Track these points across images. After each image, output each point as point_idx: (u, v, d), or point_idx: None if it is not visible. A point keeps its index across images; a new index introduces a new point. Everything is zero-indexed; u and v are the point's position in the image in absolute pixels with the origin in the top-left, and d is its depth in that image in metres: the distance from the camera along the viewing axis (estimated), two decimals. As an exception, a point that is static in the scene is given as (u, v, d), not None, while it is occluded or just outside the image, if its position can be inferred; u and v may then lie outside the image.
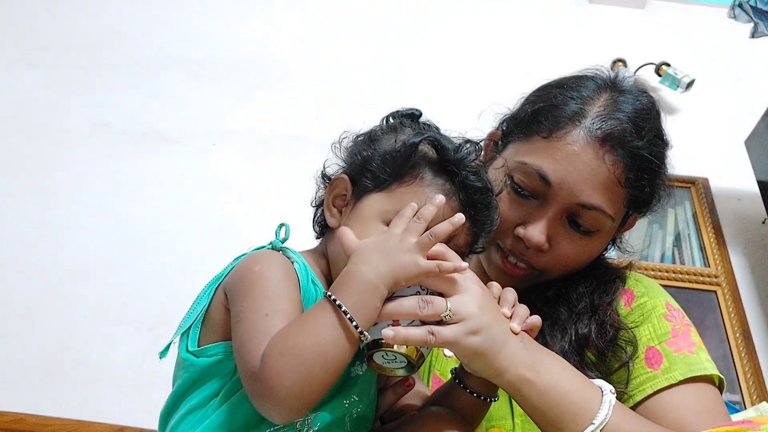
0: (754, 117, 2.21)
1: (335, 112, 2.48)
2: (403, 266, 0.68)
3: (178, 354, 0.77)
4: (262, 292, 0.69)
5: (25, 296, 2.01)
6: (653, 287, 0.92)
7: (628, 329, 0.86)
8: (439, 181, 0.76)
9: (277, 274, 0.71)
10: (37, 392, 1.83)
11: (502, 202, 0.87)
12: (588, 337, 0.84)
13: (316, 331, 0.65)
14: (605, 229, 0.88)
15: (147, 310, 1.94)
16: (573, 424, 0.70)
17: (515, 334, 0.72)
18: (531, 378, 0.71)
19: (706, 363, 0.83)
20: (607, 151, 0.83)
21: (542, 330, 0.81)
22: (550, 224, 0.86)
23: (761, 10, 2.05)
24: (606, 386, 0.73)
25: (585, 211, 0.85)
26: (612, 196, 0.85)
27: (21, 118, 2.47)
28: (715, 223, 2.21)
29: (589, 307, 0.87)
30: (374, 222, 0.75)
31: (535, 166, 0.85)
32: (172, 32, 2.80)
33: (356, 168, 0.80)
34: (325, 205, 0.82)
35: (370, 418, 0.79)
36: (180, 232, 2.17)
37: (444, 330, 0.68)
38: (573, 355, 0.83)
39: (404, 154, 0.77)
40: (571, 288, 0.89)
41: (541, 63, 2.73)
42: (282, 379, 0.63)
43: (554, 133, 0.85)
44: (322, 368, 0.64)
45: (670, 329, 0.85)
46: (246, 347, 0.67)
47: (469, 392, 0.76)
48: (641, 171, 0.86)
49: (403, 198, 0.75)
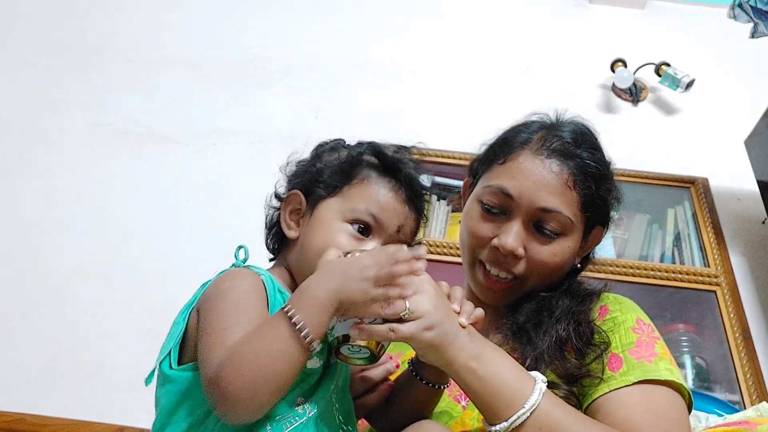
0: (754, 117, 2.22)
1: (335, 112, 2.48)
2: (352, 291, 0.74)
3: (160, 374, 0.80)
4: (225, 307, 0.76)
5: (25, 296, 2.02)
6: (628, 306, 1.00)
7: (601, 331, 0.94)
8: (385, 179, 0.89)
9: (243, 288, 0.79)
10: (37, 392, 1.83)
11: (477, 222, 1.01)
12: (567, 338, 0.92)
13: (269, 338, 0.71)
14: (569, 233, 1.00)
15: (147, 310, 1.94)
16: (507, 408, 0.78)
17: (463, 328, 0.81)
18: (474, 367, 0.79)
19: (663, 371, 0.87)
20: (553, 161, 0.98)
21: (527, 333, 0.94)
22: (519, 232, 0.98)
23: (761, 10, 2.05)
24: (539, 377, 0.81)
25: (546, 215, 0.97)
26: (566, 199, 0.98)
27: (21, 118, 2.48)
28: (714, 223, 2.21)
29: (568, 313, 0.96)
30: (334, 221, 0.87)
31: (497, 185, 1.00)
32: (172, 32, 2.80)
33: (307, 182, 0.91)
34: (282, 219, 0.92)
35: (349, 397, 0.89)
36: (180, 231, 2.17)
37: (402, 327, 0.76)
38: (555, 354, 0.91)
39: (351, 162, 0.90)
40: (552, 300, 0.99)
41: (541, 63, 2.74)
42: (233, 383, 0.69)
43: (508, 158, 1.01)
44: (272, 373, 0.70)
45: (635, 340, 0.92)
46: (204, 358, 0.73)
47: (424, 382, 0.86)
48: (585, 175, 0.99)
49: (356, 196, 0.88)
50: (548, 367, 0.88)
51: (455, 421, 0.91)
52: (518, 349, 0.92)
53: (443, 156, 2.33)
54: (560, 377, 0.88)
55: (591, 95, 2.64)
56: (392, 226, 0.88)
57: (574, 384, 0.88)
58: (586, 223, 1.02)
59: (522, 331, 0.95)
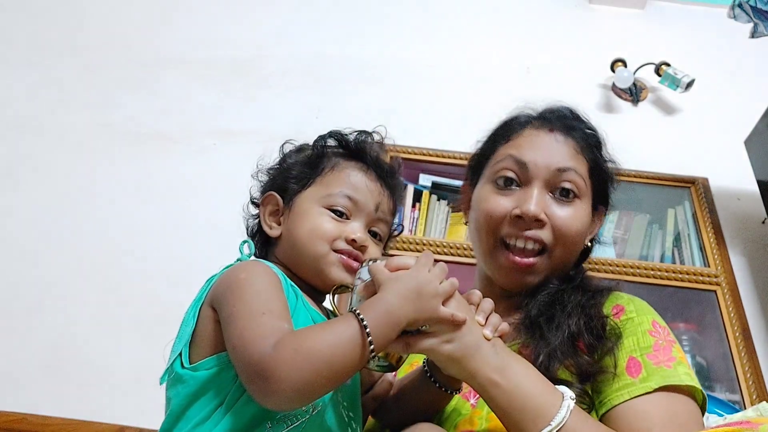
0: (753, 117, 2.22)
1: (335, 112, 2.48)
2: (427, 311, 0.76)
3: (173, 373, 0.80)
4: (253, 295, 0.76)
5: (26, 296, 2.02)
6: (643, 307, 0.98)
7: (614, 324, 0.92)
8: (353, 162, 0.93)
9: (263, 277, 0.79)
10: (38, 392, 1.83)
11: (493, 200, 1.00)
12: (579, 333, 0.91)
13: (333, 340, 0.71)
14: (583, 195, 1.01)
15: (147, 310, 1.94)
16: (533, 424, 0.76)
17: (488, 340, 0.80)
18: (498, 381, 0.78)
19: (683, 375, 0.87)
20: (557, 133, 1.02)
21: (540, 327, 0.92)
22: (539, 197, 0.98)
23: (761, 10, 2.05)
24: (567, 392, 0.79)
25: (563, 174, 0.99)
26: (577, 163, 1.00)
27: (21, 118, 2.48)
28: (714, 223, 2.21)
29: (579, 308, 0.94)
30: (314, 208, 0.89)
31: (510, 156, 1.01)
32: (172, 32, 2.80)
33: (280, 182, 0.94)
34: (263, 221, 0.93)
35: (358, 391, 0.90)
36: (180, 231, 2.17)
37: (420, 340, 0.77)
38: (568, 350, 0.89)
39: (317, 153, 0.94)
40: (565, 295, 0.97)
41: (541, 63, 2.74)
42: (291, 373, 0.68)
43: (512, 135, 1.04)
44: (327, 375, 0.70)
45: (653, 344, 0.90)
46: (249, 339, 0.71)
47: (438, 385, 0.85)
48: (589, 144, 1.03)
49: (329, 182, 0.91)
50: (561, 363, 0.87)
51: (464, 419, 0.90)
52: (531, 345, 0.91)
53: (443, 156, 2.34)
54: (573, 374, 0.87)
55: (591, 95, 2.64)
56: (369, 205, 0.91)
57: (587, 381, 0.87)
58: (593, 197, 1.03)
59: (534, 325, 0.93)
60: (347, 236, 0.87)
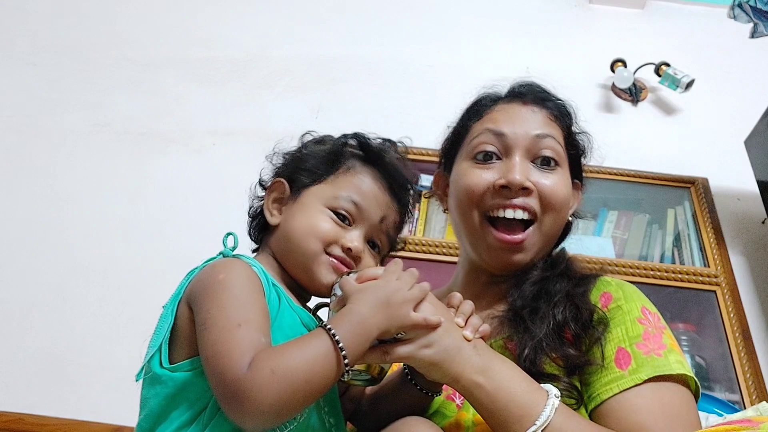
0: (753, 117, 2.21)
1: (335, 112, 2.48)
2: (398, 318, 0.75)
3: (150, 371, 0.78)
4: (230, 301, 0.73)
5: (25, 296, 2.02)
6: (631, 292, 0.96)
7: (600, 311, 0.90)
8: (368, 169, 0.90)
9: (242, 281, 0.76)
10: (36, 392, 1.83)
11: (474, 175, 0.99)
12: (564, 322, 0.89)
13: (308, 358, 0.69)
14: (563, 163, 1.01)
15: (146, 310, 1.93)
16: (518, 424, 0.75)
17: (468, 341, 0.79)
18: (481, 382, 0.77)
19: (674, 364, 0.85)
20: (530, 105, 1.02)
21: (523, 319, 0.90)
22: (522, 165, 0.97)
23: (761, 10, 2.05)
24: (552, 390, 0.78)
25: (542, 141, 0.98)
26: (553, 130, 1.01)
27: (21, 118, 2.48)
28: (714, 223, 2.21)
29: (565, 297, 0.92)
30: (317, 206, 0.87)
31: (487, 129, 1.00)
32: (172, 32, 2.80)
33: (292, 171, 0.92)
34: (265, 206, 0.92)
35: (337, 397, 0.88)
36: (179, 231, 2.17)
37: (398, 348, 0.76)
38: (553, 341, 0.87)
39: (336, 151, 0.92)
40: (549, 284, 0.95)
41: (541, 63, 2.74)
42: (268, 394, 0.67)
43: (485, 111, 1.04)
44: (304, 393, 0.69)
45: (642, 332, 0.88)
46: (224, 355, 0.69)
47: (418, 388, 0.84)
48: (561, 114, 1.04)
49: (339, 184, 0.89)
50: (547, 356, 0.85)
51: (449, 422, 0.88)
52: (515, 338, 0.89)
53: (443, 156, 2.33)
54: (560, 367, 0.86)
55: (591, 95, 2.64)
56: (375, 215, 0.88)
57: (574, 374, 0.85)
58: (570, 169, 1.03)
59: (519, 318, 0.91)
60: (344, 244, 0.86)
